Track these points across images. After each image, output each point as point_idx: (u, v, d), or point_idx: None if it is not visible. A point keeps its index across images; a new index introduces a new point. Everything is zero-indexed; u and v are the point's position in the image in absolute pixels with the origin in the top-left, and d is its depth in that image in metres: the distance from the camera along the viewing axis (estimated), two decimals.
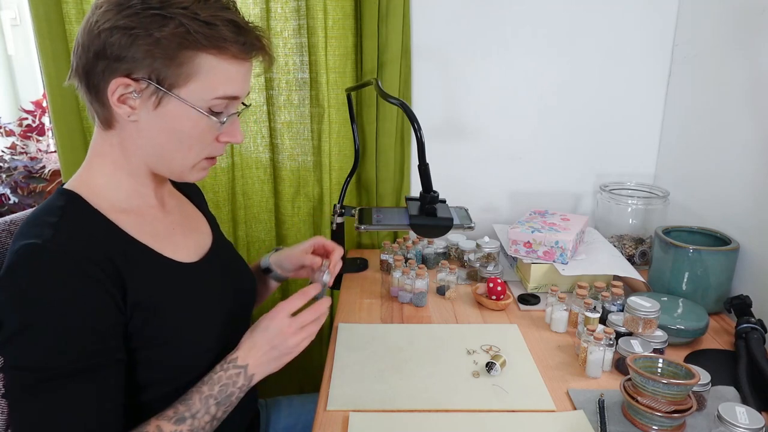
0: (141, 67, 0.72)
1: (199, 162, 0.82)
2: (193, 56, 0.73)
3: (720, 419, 0.79)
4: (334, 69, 1.51)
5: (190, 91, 0.75)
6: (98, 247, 0.74)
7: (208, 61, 0.74)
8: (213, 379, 0.81)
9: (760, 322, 1.10)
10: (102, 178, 0.82)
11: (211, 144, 0.82)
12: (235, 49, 0.75)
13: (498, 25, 1.57)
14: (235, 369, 0.82)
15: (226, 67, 0.76)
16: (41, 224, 0.74)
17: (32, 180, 2.19)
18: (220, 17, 0.73)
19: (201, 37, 0.72)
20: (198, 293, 0.86)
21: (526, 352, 1.10)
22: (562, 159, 1.68)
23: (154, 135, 0.78)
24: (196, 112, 0.76)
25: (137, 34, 0.71)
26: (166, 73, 0.73)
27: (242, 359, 0.83)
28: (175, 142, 0.79)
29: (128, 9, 0.71)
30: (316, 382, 1.05)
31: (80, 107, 1.52)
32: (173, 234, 0.89)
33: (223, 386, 0.81)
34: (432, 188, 1.12)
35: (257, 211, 1.66)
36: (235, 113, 0.82)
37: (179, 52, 0.72)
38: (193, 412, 0.78)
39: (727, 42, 1.34)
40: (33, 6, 1.39)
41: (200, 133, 0.79)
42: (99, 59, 0.73)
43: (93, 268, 0.71)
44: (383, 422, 0.89)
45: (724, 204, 1.35)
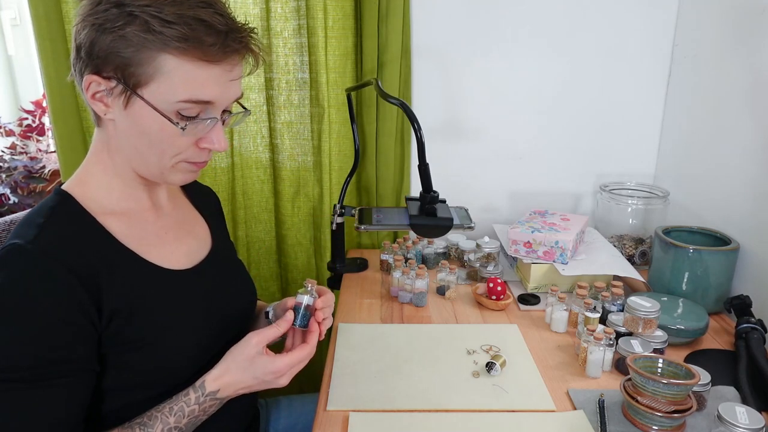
0: (108, 64, 0.71)
1: (177, 164, 0.79)
2: (155, 56, 0.70)
3: (720, 419, 0.79)
4: (334, 69, 1.51)
5: (152, 93, 0.72)
6: (78, 251, 0.74)
7: (170, 62, 0.70)
8: (185, 411, 0.78)
9: (760, 322, 1.10)
10: (95, 179, 0.81)
11: (188, 148, 0.78)
12: (201, 50, 0.70)
13: (498, 25, 1.57)
14: (212, 401, 0.80)
15: (191, 69, 0.71)
16: (30, 224, 0.74)
17: (32, 180, 2.19)
18: (187, 16, 0.69)
19: (161, 37, 0.69)
20: (182, 301, 0.84)
21: (526, 352, 1.10)
22: (562, 159, 1.68)
23: (128, 135, 0.76)
24: (158, 115, 0.73)
25: (103, 30, 0.69)
26: (131, 72, 0.71)
27: (223, 393, 0.80)
28: (147, 143, 0.76)
29: (100, 5, 0.70)
30: (316, 382, 1.05)
31: (80, 107, 1.52)
32: (163, 238, 0.87)
33: (193, 418, 0.79)
34: (432, 188, 1.12)
35: (257, 211, 1.66)
36: (216, 119, 0.77)
37: (141, 51, 0.69)
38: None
39: (727, 42, 1.34)
40: (33, 6, 1.39)
41: (168, 137, 0.75)
42: (78, 54, 0.73)
43: (68, 274, 0.71)
44: (383, 422, 0.89)
45: (724, 204, 1.35)
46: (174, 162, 0.78)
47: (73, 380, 0.71)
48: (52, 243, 0.72)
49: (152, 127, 0.74)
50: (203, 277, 0.89)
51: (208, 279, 0.90)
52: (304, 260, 1.69)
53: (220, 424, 0.87)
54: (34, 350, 0.68)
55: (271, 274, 1.71)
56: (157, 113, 0.73)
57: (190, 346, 0.82)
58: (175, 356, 0.80)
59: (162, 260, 0.84)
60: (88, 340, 0.73)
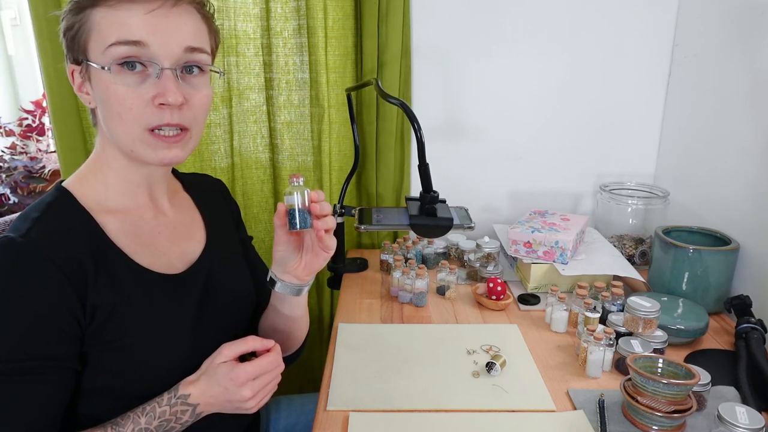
0: (72, 48, 0.77)
1: (142, 135, 0.76)
2: (89, 14, 0.74)
3: (720, 419, 0.79)
4: (334, 69, 1.51)
5: (92, 51, 0.75)
6: (68, 247, 0.74)
7: (99, 13, 0.74)
8: (156, 411, 0.76)
9: (760, 322, 1.10)
10: (95, 176, 0.83)
11: (143, 108, 0.75)
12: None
13: (498, 25, 1.57)
14: (183, 406, 0.77)
15: (113, 13, 0.73)
16: (26, 218, 0.75)
17: (32, 180, 2.19)
18: None
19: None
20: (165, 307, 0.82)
21: (526, 352, 1.10)
22: (562, 159, 1.68)
23: (102, 114, 0.78)
24: (105, 73, 0.74)
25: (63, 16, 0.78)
26: (78, 41, 0.76)
27: (195, 398, 0.78)
28: (108, 112, 0.76)
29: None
30: (316, 382, 1.05)
31: (80, 107, 1.52)
32: (157, 239, 0.86)
33: (164, 421, 0.76)
34: (432, 188, 1.12)
35: (257, 211, 1.66)
36: (156, 65, 0.74)
37: (79, 15, 0.75)
38: None
39: (727, 42, 1.34)
40: (33, 6, 1.38)
41: (118, 95, 0.74)
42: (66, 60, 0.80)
43: (55, 270, 0.71)
44: (383, 422, 0.89)
45: (724, 204, 1.35)
46: (138, 131, 0.76)
47: (52, 377, 0.71)
48: (43, 237, 0.73)
49: (105, 89, 0.75)
50: (192, 284, 0.87)
51: (197, 286, 0.88)
52: None
53: (220, 424, 0.87)
54: (13, 344, 0.69)
55: None
56: (103, 72, 0.74)
57: (170, 353, 0.81)
58: (153, 362, 0.79)
59: (152, 263, 0.83)
60: (70, 337, 0.73)
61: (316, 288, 1.72)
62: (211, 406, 0.79)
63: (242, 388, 0.77)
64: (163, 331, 0.81)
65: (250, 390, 0.78)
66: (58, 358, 0.72)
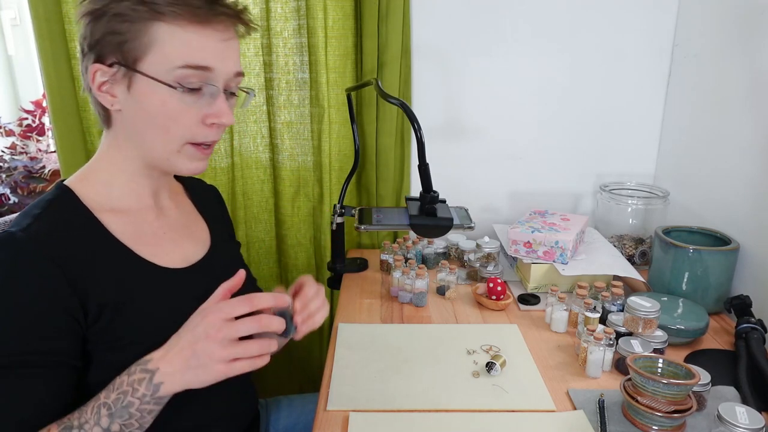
0: (108, 48, 0.74)
1: (183, 147, 0.79)
2: (149, 26, 0.73)
3: (720, 419, 0.79)
4: (334, 69, 1.51)
5: (151, 64, 0.74)
6: (68, 244, 0.74)
7: (163, 28, 0.73)
8: (114, 383, 0.72)
9: (760, 322, 1.10)
10: (98, 176, 0.83)
11: (193, 126, 0.78)
12: (189, 13, 0.73)
13: (498, 25, 1.57)
14: (141, 373, 0.70)
15: (184, 34, 0.73)
16: (27, 214, 0.76)
17: (32, 180, 2.19)
18: None
19: (152, 5, 0.72)
20: (176, 299, 0.83)
21: (526, 352, 1.10)
22: (562, 159, 1.68)
23: (135, 121, 0.78)
24: (163, 87, 0.74)
25: (99, 15, 0.73)
26: (128, 50, 0.73)
27: (155, 362, 0.71)
28: (152, 123, 0.77)
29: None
30: (316, 382, 1.05)
31: (80, 107, 1.52)
32: (161, 238, 0.87)
33: (121, 394, 0.70)
34: (432, 188, 1.12)
35: (257, 211, 1.66)
36: (216, 90, 0.78)
37: (135, 24, 0.72)
38: (81, 421, 0.70)
39: (727, 42, 1.34)
40: (33, 6, 1.39)
41: (173, 110, 0.76)
42: (83, 56, 0.77)
43: (53, 266, 0.71)
44: (383, 422, 0.89)
45: (724, 204, 1.35)
46: (180, 144, 0.79)
47: (47, 372, 0.71)
48: (43, 233, 0.73)
49: (155, 102, 0.75)
50: (198, 278, 0.88)
51: (202, 280, 0.88)
52: (304, 260, 1.69)
53: (220, 424, 0.87)
54: (9, 337, 0.69)
55: (271, 274, 1.71)
56: (158, 86, 0.74)
57: None
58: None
59: (156, 258, 0.84)
60: (68, 334, 0.72)
61: None
62: (173, 372, 0.70)
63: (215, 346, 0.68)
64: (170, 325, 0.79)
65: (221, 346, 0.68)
66: (54, 353, 0.71)
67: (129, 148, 0.81)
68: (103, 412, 0.70)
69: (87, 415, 0.70)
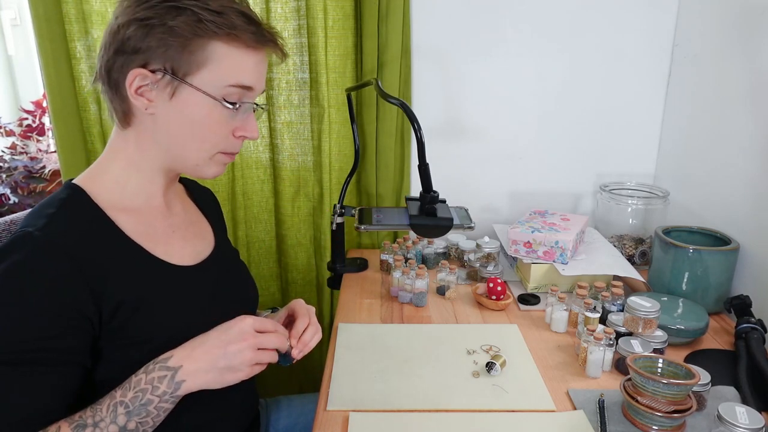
0: (156, 56, 0.75)
1: (214, 155, 0.83)
2: (205, 44, 0.75)
3: (720, 419, 0.79)
4: (334, 69, 1.51)
5: (202, 79, 0.77)
6: (85, 243, 0.75)
7: (219, 48, 0.76)
8: (131, 381, 0.73)
9: (760, 322, 1.10)
10: (110, 175, 0.83)
11: (226, 138, 0.83)
12: (246, 37, 0.77)
13: (498, 25, 1.57)
14: (161, 371, 0.73)
15: (237, 55, 0.78)
16: (40, 214, 0.76)
17: (32, 180, 2.19)
18: (230, 8, 0.76)
19: (212, 25, 0.74)
20: (187, 296, 0.85)
21: (526, 352, 1.10)
22: (562, 159, 1.68)
23: (170, 127, 0.80)
24: (209, 100, 0.78)
25: (152, 24, 0.74)
26: (180, 62, 0.76)
27: (177, 359, 0.74)
28: (190, 132, 0.80)
29: (145, 3, 0.75)
30: (316, 382, 1.05)
31: (80, 107, 1.52)
32: (171, 237, 0.88)
33: (139, 392, 0.72)
34: (432, 188, 1.12)
35: (257, 211, 1.66)
36: (250, 107, 0.83)
37: (191, 40, 0.75)
38: (96, 419, 0.71)
39: (727, 42, 1.34)
40: (33, 6, 1.39)
41: (214, 122, 0.80)
42: (118, 55, 0.76)
43: (69, 265, 0.72)
44: (383, 422, 0.89)
45: (724, 204, 1.35)
46: (212, 153, 0.83)
47: (59, 369, 0.71)
48: (60, 233, 0.74)
49: (199, 113, 0.78)
50: (207, 275, 0.90)
51: (211, 278, 0.91)
52: (304, 260, 1.69)
53: (221, 425, 0.87)
54: (22, 334, 0.69)
55: (271, 274, 1.71)
56: (206, 99, 0.78)
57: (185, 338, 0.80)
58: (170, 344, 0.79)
59: (168, 257, 0.85)
60: (81, 333, 0.73)
61: (317, 288, 1.72)
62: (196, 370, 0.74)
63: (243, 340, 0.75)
64: (183, 322, 0.82)
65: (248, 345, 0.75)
66: (65, 352, 0.72)
67: (153, 149, 0.82)
68: (119, 411, 0.71)
69: (102, 413, 0.71)
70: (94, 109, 1.53)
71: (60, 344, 0.71)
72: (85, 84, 1.51)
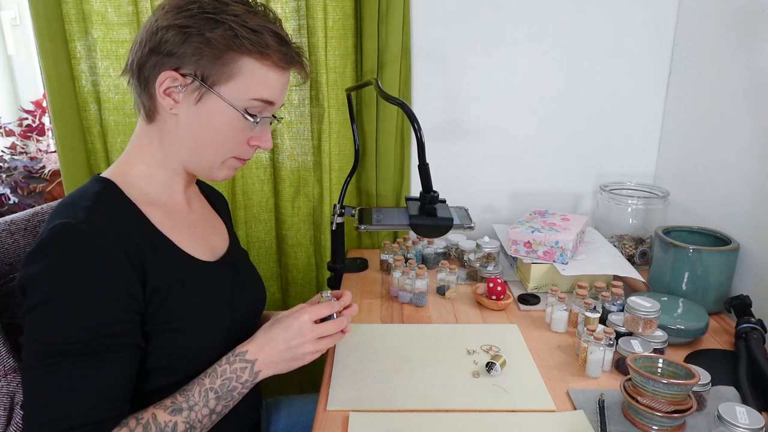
0: (189, 63, 0.79)
1: (227, 159, 0.87)
2: (238, 58, 0.80)
3: (720, 419, 0.79)
4: (334, 69, 1.51)
5: (230, 90, 0.81)
6: (126, 234, 0.78)
7: (250, 64, 0.80)
8: (216, 371, 0.82)
9: (760, 322, 1.10)
10: (136, 170, 0.87)
11: (241, 145, 0.87)
12: (276, 57, 0.82)
13: (498, 26, 1.57)
14: (242, 363, 0.83)
15: (266, 72, 0.82)
16: (76, 207, 0.78)
17: (32, 180, 2.19)
18: (266, 28, 0.81)
19: (247, 42, 0.79)
20: (210, 290, 0.89)
21: (526, 352, 1.10)
22: (562, 159, 1.68)
23: (191, 129, 0.83)
24: (232, 110, 0.82)
25: (191, 33, 0.78)
26: (211, 71, 0.79)
27: (252, 353, 0.84)
28: (209, 137, 0.84)
29: (186, 11, 0.78)
30: (316, 382, 1.05)
31: (80, 107, 1.52)
32: (194, 232, 0.92)
33: (226, 380, 0.82)
34: (432, 188, 1.12)
35: (257, 211, 1.66)
36: (268, 120, 0.88)
37: (225, 53, 0.79)
38: (190, 404, 0.79)
39: (727, 42, 1.34)
40: (33, 6, 1.39)
41: (233, 131, 0.84)
42: (153, 54, 0.80)
43: (119, 252, 0.75)
44: (383, 422, 0.89)
45: (724, 204, 1.35)
46: (226, 157, 0.87)
47: (124, 354, 0.75)
48: (103, 223, 0.76)
49: (220, 121, 0.83)
50: (225, 271, 0.95)
51: (229, 273, 0.96)
52: (304, 260, 1.69)
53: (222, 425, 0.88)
54: (87, 324, 0.72)
55: (271, 274, 1.71)
56: (229, 109, 0.82)
57: (213, 334, 0.86)
58: (199, 342, 0.84)
59: (192, 251, 0.89)
60: (135, 316, 0.77)
61: (317, 288, 1.72)
62: (268, 362, 0.84)
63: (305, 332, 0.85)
64: (207, 314, 0.86)
65: (311, 338, 0.86)
66: (127, 335, 0.75)
67: (175, 148, 0.86)
68: (210, 396, 0.80)
69: (195, 398, 0.79)
70: (94, 109, 1.54)
71: (122, 329, 0.74)
72: (84, 84, 1.51)
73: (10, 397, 0.87)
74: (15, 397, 0.88)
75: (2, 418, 0.86)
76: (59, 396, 0.70)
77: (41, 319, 0.71)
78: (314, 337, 0.86)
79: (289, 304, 1.74)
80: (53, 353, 0.70)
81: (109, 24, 1.47)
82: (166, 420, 0.76)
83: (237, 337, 0.88)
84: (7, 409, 0.86)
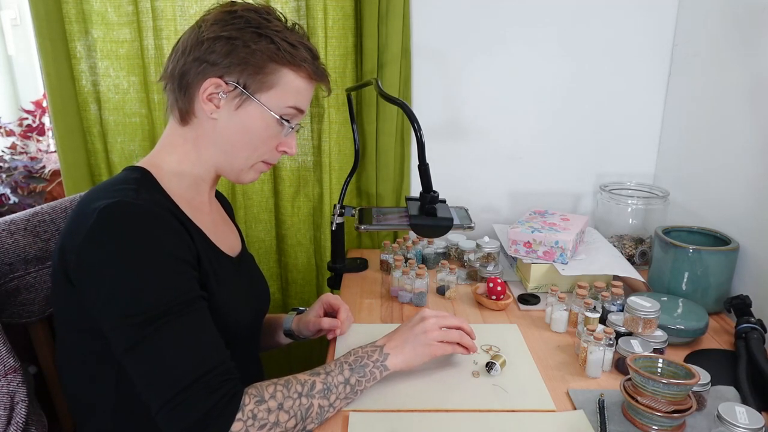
0: (233, 72, 0.86)
1: (256, 164, 0.95)
2: (278, 69, 0.88)
3: (720, 419, 0.79)
4: (334, 69, 1.51)
5: (269, 98, 0.89)
6: (172, 212, 0.85)
7: (288, 75, 0.89)
8: (349, 352, 0.93)
9: (760, 322, 1.10)
10: (169, 166, 0.92)
11: (271, 150, 0.94)
12: (310, 70, 0.90)
13: (498, 26, 1.57)
14: (370, 347, 0.94)
15: (300, 83, 0.90)
16: (120, 190, 0.82)
17: (32, 180, 2.19)
18: (302, 44, 0.89)
19: (287, 55, 0.87)
20: (235, 283, 0.95)
21: (526, 352, 1.10)
22: (562, 159, 1.68)
23: (228, 133, 0.90)
24: (269, 116, 0.90)
25: (237, 44, 0.85)
26: (253, 80, 0.87)
27: (380, 341, 0.95)
28: (245, 140, 0.91)
29: (232, 24, 0.86)
30: None
31: (80, 107, 1.52)
32: (218, 228, 0.99)
33: (358, 357, 0.92)
34: (432, 188, 1.12)
35: (257, 211, 1.66)
36: (297, 126, 0.95)
37: (267, 64, 0.87)
38: (327, 370, 0.88)
39: (727, 42, 1.34)
40: (33, 6, 1.39)
41: (268, 136, 0.92)
42: (197, 63, 0.86)
43: (177, 222, 0.82)
44: (383, 422, 0.89)
45: (724, 204, 1.35)
46: (256, 161, 0.94)
47: (204, 305, 0.82)
48: (154, 201, 0.83)
49: (258, 126, 0.90)
50: (243, 267, 1.03)
51: (245, 269, 1.04)
52: (304, 260, 1.69)
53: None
54: (173, 284, 0.78)
55: (271, 274, 1.71)
56: (267, 115, 0.89)
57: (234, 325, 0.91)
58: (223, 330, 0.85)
59: (219, 246, 0.96)
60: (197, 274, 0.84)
61: (317, 288, 1.72)
62: (395, 345, 0.95)
63: (429, 320, 0.97)
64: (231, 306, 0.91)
65: (433, 326, 0.97)
66: (198, 288, 0.82)
67: (210, 150, 0.92)
68: (345, 367, 0.90)
69: (330, 366, 0.89)
70: (94, 109, 1.54)
71: (197, 284, 0.82)
72: (84, 84, 1.51)
73: (10, 396, 0.87)
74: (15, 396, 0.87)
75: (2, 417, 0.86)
76: (181, 350, 0.75)
77: (129, 294, 0.75)
78: (434, 337, 0.95)
79: (289, 304, 1.74)
80: (154, 318, 0.74)
81: (109, 24, 1.47)
82: (305, 378, 0.85)
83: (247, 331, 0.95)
84: (7, 408, 0.86)
